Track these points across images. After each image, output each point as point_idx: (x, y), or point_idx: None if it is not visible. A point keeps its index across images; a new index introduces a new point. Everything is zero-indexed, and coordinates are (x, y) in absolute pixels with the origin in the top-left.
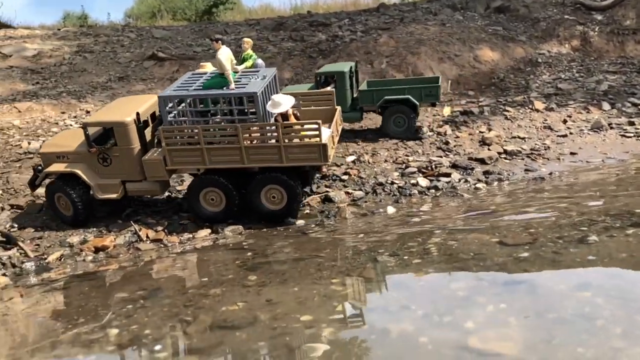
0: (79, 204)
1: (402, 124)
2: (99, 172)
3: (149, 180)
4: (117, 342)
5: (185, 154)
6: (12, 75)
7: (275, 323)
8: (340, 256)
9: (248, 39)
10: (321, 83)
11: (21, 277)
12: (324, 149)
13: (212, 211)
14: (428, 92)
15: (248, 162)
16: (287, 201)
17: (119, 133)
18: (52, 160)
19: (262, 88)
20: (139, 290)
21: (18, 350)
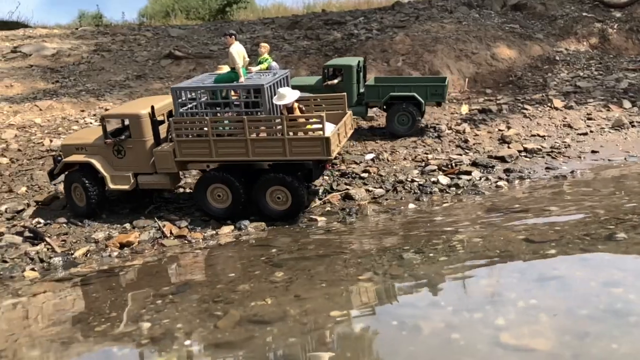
0: (92, 195)
1: (405, 122)
2: (113, 164)
3: (159, 173)
4: (149, 336)
5: (193, 145)
6: (32, 74)
7: (305, 318)
8: (365, 253)
9: (265, 44)
10: (328, 76)
11: (50, 272)
12: (327, 143)
13: (218, 207)
14: (434, 90)
15: (253, 155)
16: (292, 202)
17: (133, 125)
18: (71, 152)
19: (271, 83)
20: (167, 285)
21: (53, 343)
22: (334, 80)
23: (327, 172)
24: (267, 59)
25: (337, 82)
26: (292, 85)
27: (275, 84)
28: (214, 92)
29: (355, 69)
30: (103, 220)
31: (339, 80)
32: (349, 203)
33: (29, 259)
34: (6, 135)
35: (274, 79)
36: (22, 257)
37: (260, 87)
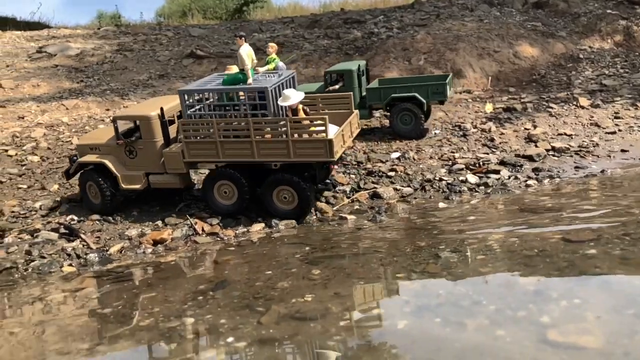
0: (106, 193)
1: (408, 122)
2: (126, 164)
3: (169, 173)
4: (195, 331)
5: (201, 146)
6: (57, 74)
7: (348, 315)
8: (399, 252)
9: (273, 44)
10: (330, 82)
11: (86, 268)
12: (330, 145)
13: (224, 204)
14: (435, 89)
15: (258, 156)
16: (298, 202)
17: (143, 126)
18: (86, 152)
19: (275, 85)
20: (205, 282)
21: (99, 337)
22: (336, 85)
23: (354, 172)
24: (275, 59)
25: (339, 87)
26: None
27: (281, 86)
28: (221, 94)
29: (356, 73)
30: (135, 218)
31: (341, 85)
32: (377, 202)
33: (65, 255)
34: (35, 134)
35: (279, 81)
36: (59, 253)
37: (264, 90)
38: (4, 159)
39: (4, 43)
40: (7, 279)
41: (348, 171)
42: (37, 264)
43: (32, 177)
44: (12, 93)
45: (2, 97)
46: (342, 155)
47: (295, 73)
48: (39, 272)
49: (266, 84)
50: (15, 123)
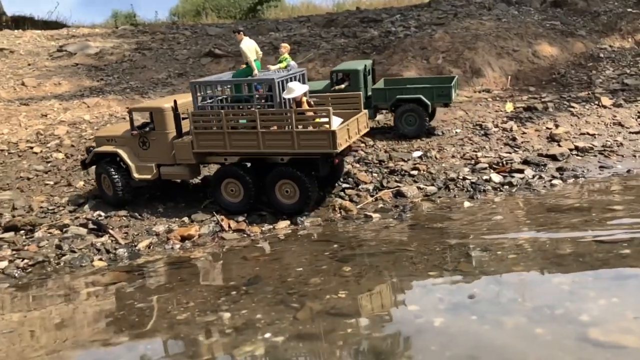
0: (118, 184)
1: (413, 123)
2: (139, 155)
3: (179, 164)
4: (232, 326)
5: (210, 137)
6: (78, 73)
7: (384, 312)
8: (429, 250)
9: (286, 45)
10: (336, 81)
11: (116, 262)
12: (333, 136)
13: (231, 201)
14: (440, 92)
15: (264, 147)
16: (300, 196)
17: (156, 118)
18: (102, 143)
19: (283, 78)
20: (237, 278)
21: (139, 329)
22: (342, 85)
23: (376, 171)
24: (287, 58)
25: (344, 86)
26: None
27: (288, 80)
28: (235, 87)
29: (362, 73)
30: (161, 214)
31: (346, 85)
32: (401, 200)
33: (95, 250)
34: (59, 132)
35: (287, 75)
36: (88, 248)
37: (271, 82)
38: (29, 155)
39: (25, 42)
40: (41, 272)
41: (370, 170)
42: (68, 258)
43: (58, 174)
44: (34, 91)
45: (25, 95)
46: (347, 152)
47: (305, 71)
48: (71, 266)
49: (273, 76)
50: (38, 121)
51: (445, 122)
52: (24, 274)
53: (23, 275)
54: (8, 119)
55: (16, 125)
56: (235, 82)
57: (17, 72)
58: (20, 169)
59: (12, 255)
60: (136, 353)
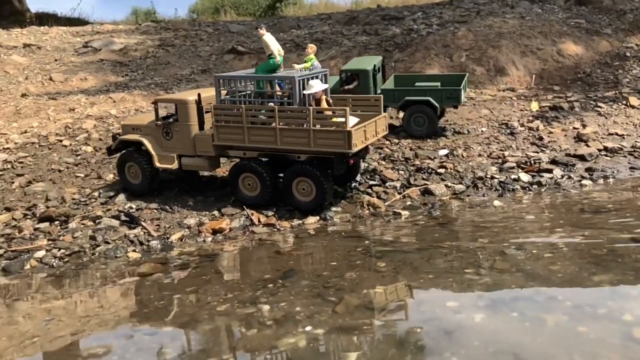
0: (147, 172)
1: (422, 123)
2: (162, 145)
3: (200, 156)
4: (272, 318)
5: (230, 131)
6: (103, 68)
7: (423, 307)
8: (464, 248)
9: (312, 45)
10: (345, 80)
11: (150, 254)
12: (349, 136)
13: (248, 195)
14: (449, 94)
15: (281, 144)
16: (316, 194)
17: (180, 110)
18: (128, 131)
19: (304, 77)
20: (272, 271)
21: (181, 319)
22: (351, 85)
23: (402, 168)
24: (312, 59)
25: (354, 86)
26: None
27: (309, 79)
28: (257, 82)
29: (371, 72)
30: (191, 208)
31: (356, 84)
32: (429, 198)
33: (128, 241)
34: (87, 125)
35: (309, 74)
36: (122, 239)
37: (292, 79)
38: (59, 148)
39: (51, 38)
40: (77, 262)
41: (396, 167)
42: (102, 249)
43: (88, 167)
44: (62, 86)
45: (53, 90)
46: (363, 153)
47: (327, 71)
48: (106, 257)
49: (294, 73)
50: (66, 115)
51: (470, 121)
52: (62, 264)
53: (60, 264)
54: (37, 113)
55: (45, 119)
56: (257, 78)
57: (44, 67)
58: (51, 162)
59: (49, 245)
60: (180, 342)
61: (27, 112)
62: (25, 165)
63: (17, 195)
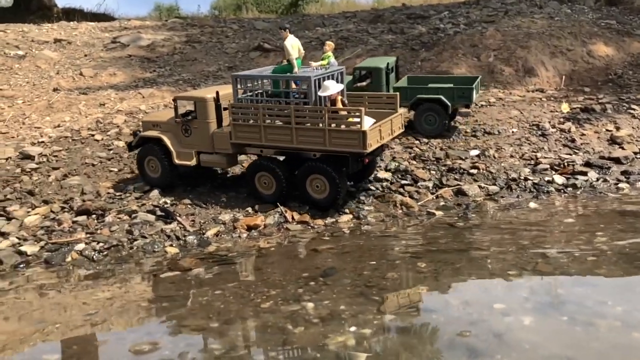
0: (166, 166)
1: (433, 122)
2: (181, 142)
3: (218, 153)
4: (317, 316)
5: (247, 129)
6: (131, 64)
7: (469, 308)
8: (504, 250)
9: (330, 43)
10: (358, 78)
11: (187, 249)
12: (363, 137)
13: (264, 193)
14: (461, 93)
15: (297, 143)
16: (329, 191)
17: (199, 107)
18: (148, 128)
19: (319, 76)
20: (312, 268)
21: (226, 316)
22: (363, 82)
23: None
24: (330, 56)
25: (366, 84)
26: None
27: (325, 78)
28: (274, 83)
29: (384, 70)
30: (224, 204)
31: (368, 82)
32: (462, 199)
33: (165, 236)
34: (117, 120)
35: (325, 74)
36: (158, 234)
37: (307, 79)
38: (92, 143)
39: (80, 33)
40: (116, 256)
41: (427, 167)
42: (140, 243)
43: (121, 161)
44: (91, 81)
45: (83, 85)
46: (379, 152)
47: (343, 69)
48: (144, 251)
49: (310, 74)
50: (97, 109)
51: (500, 121)
52: (101, 257)
53: (100, 258)
54: (69, 107)
55: (77, 114)
56: (274, 78)
57: (74, 62)
58: (84, 156)
59: (87, 238)
60: (227, 338)
61: (59, 107)
62: (60, 159)
63: (54, 189)
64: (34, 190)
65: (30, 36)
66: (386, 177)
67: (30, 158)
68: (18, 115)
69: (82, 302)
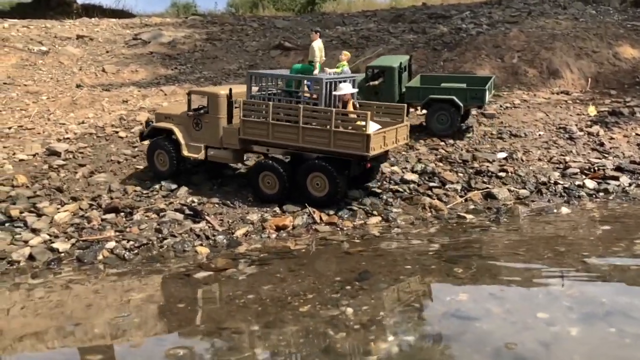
0: (174, 159)
1: (445, 122)
2: (191, 135)
3: (225, 149)
4: (358, 322)
5: (255, 126)
6: (153, 61)
7: (512, 317)
8: (540, 255)
9: (347, 53)
10: (371, 77)
11: (217, 249)
12: (367, 140)
13: (268, 193)
14: (474, 94)
15: (303, 142)
16: (328, 189)
17: (211, 103)
18: (161, 120)
19: (331, 80)
20: (346, 271)
21: (265, 319)
22: (376, 81)
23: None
24: (344, 65)
25: (379, 83)
26: None
27: (337, 82)
28: (287, 81)
29: (397, 70)
30: (252, 203)
31: (381, 81)
32: (492, 202)
33: (195, 235)
34: (140, 117)
35: (337, 78)
36: (187, 233)
37: (319, 80)
38: (116, 140)
39: (102, 30)
40: (147, 255)
41: (455, 169)
42: (169, 242)
43: (146, 159)
44: (114, 78)
45: (106, 82)
46: (382, 159)
47: (356, 77)
48: (174, 250)
49: (322, 76)
50: (120, 106)
51: (525, 124)
52: (132, 256)
53: (131, 256)
54: (92, 104)
55: (100, 110)
56: (287, 77)
57: (96, 58)
58: (109, 153)
59: (117, 236)
60: (269, 342)
61: (82, 103)
62: (85, 156)
63: (82, 185)
64: (62, 187)
65: (53, 32)
66: (413, 179)
67: (56, 154)
68: (43, 111)
69: (116, 303)
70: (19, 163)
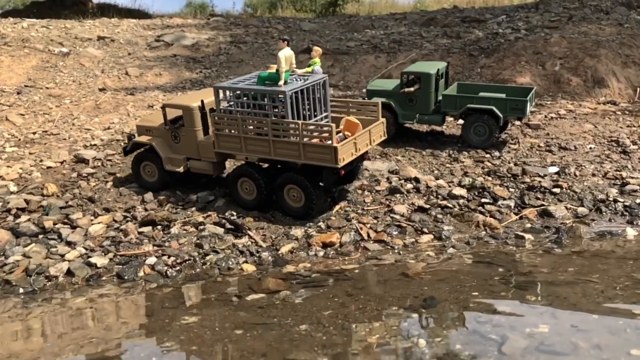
0: (163, 170)
1: (482, 133)
2: (171, 148)
3: (204, 160)
4: (433, 355)
5: (228, 139)
6: (177, 64)
7: (604, 354)
8: (617, 282)
9: (318, 49)
10: (406, 82)
11: (263, 267)
12: (335, 152)
13: (246, 199)
14: (514, 105)
15: (274, 154)
16: (305, 201)
17: (185, 116)
18: (142, 132)
19: (296, 89)
20: (409, 296)
21: (332, 350)
22: (411, 87)
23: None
24: (316, 62)
25: (414, 89)
26: (368, 89)
27: (304, 91)
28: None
29: (434, 76)
30: (293, 218)
31: (417, 87)
32: (549, 220)
33: (238, 251)
34: None
35: (303, 86)
36: (230, 249)
37: (282, 93)
38: None
39: (123, 31)
40: (190, 272)
41: (505, 184)
42: (212, 258)
43: None
44: (137, 81)
45: (129, 85)
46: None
47: (326, 77)
48: (218, 267)
49: (285, 88)
50: (145, 111)
51: (574, 136)
52: (174, 273)
53: (174, 274)
54: (116, 108)
55: (125, 115)
56: (251, 90)
57: (118, 60)
58: None
59: (156, 252)
60: None
61: (106, 107)
62: (114, 164)
63: (113, 196)
64: (94, 197)
65: (73, 32)
66: (462, 193)
67: (84, 162)
68: (66, 116)
69: (168, 326)
70: (46, 170)
